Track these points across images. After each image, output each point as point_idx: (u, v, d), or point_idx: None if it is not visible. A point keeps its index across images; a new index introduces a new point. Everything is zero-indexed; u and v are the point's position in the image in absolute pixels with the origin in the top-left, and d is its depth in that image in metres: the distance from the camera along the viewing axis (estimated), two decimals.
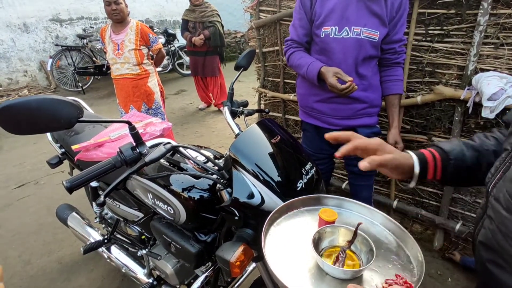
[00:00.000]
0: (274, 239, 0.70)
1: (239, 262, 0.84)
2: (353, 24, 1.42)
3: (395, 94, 1.58)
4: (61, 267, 2.16)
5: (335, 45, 1.47)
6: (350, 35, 1.44)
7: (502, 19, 1.55)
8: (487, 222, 0.59)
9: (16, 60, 6.06)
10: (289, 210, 0.78)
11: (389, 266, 0.65)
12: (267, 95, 2.69)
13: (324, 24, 1.47)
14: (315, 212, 0.78)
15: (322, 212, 0.73)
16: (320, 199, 0.81)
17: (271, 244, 0.68)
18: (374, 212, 0.78)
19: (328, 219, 0.71)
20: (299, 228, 0.74)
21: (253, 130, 0.94)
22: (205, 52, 4.59)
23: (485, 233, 0.59)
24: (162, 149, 0.91)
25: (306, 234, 0.71)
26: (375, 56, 1.52)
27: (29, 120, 0.71)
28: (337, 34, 1.45)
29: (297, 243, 0.70)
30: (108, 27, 2.86)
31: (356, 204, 0.80)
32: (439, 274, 1.96)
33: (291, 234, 0.72)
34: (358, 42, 1.44)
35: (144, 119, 1.61)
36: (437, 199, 2.07)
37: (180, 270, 1.37)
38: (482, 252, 0.60)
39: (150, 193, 1.16)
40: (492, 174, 0.61)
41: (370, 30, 1.42)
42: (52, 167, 1.81)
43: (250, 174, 0.86)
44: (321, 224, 0.72)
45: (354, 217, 0.79)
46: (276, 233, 0.72)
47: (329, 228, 0.69)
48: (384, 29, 1.44)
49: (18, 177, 3.37)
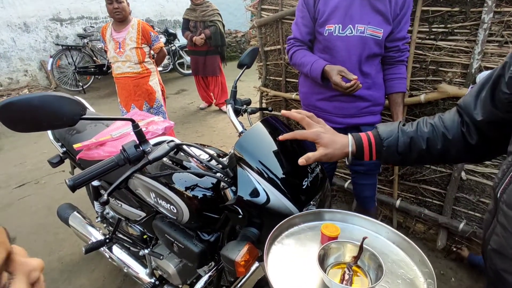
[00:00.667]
0: (276, 257, 0.68)
1: (244, 261, 0.83)
2: (357, 22, 1.41)
3: (399, 92, 1.57)
4: (62, 267, 2.15)
5: (339, 43, 1.46)
6: (354, 33, 1.43)
7: (506, 17, 1.53)
8: (499, 229, 0.58)
9: (17, 59, 6.05)
10: (290, 227, 0.76)
11: (399, 282, 0.63)
12: (269, 94, 2.68)
13: (327, 22, 1.46)
14: (316, 228, 0.76)
15: (324, 227, 0.71)
16: (321, 214, 0.79)
17: (274, 264, 0.66)
18: (378, 226, 0.75)
19: (331, 235, 0.69)
20: (301, 245, 0.72)
21: (257, 128, 0.92)
22: (206, 52, 4.58)
23: (498, 241, 0.58)
24: (165, 147, 0.90)
25: (309, 251, 0.69)
26: (379, 54, 1.51)
27: (32, 118, 0.70)
28: (341, 32, 1.44)
29: (300, 261, 0.68)
30: (109, 26, 2.85)
31: (359, 217, 0.78)
32: (442, 274, 1.95)
33: (293, 252, 0.70)
34: (362, 40, 1.43)
35: (146, 118, 1.60)
36: (440, 198, 2.06)
37: (183, 270, 1.36)
38: (496, 261, 0.59)
39: (152, 192, 1.15)
40: (500, 179, 0.59)
41: (374, 28, 1.41)
42: (53, 166, 1.80)
43: (255, 172, 0.85)
44: (324, 240, 0.70)
45: (357, 231, 0.76)
46: (278, 251, 0.70)
47: (334, 244, 0.67)
48: (388, 27, 1.43)
49: (18, 176, 3.36)
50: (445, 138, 0.76)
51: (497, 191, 0.59)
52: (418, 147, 0.77)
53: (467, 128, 0.74)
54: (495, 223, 0.60)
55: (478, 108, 0.71)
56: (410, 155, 0.78)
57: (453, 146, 0.76)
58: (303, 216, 0.78)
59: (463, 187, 1.92)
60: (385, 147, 0.78)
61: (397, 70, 1.56)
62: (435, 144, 0.77)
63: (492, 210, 0.63)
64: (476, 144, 0.73)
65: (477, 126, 0.72)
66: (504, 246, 0.56)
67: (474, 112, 0.72)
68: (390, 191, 2.27)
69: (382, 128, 0.81)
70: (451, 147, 0.76)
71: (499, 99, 0.66)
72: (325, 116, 1.63)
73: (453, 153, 0.77)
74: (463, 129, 0.75)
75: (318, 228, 0.72)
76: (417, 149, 0.77)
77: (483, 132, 0.72)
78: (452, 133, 0.75)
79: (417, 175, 2.09)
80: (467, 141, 0.74)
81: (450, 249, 2.04)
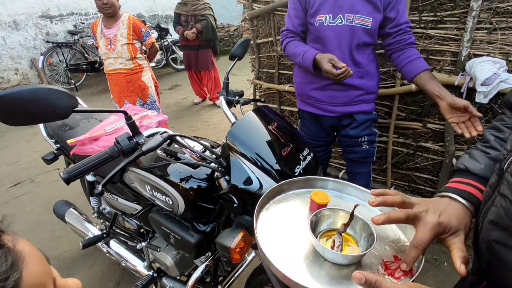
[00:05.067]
0: (266, 225, 0.68)
1: (239, 248, 0.84)
2: (347, 11, 1.43)
3: (425, 70, 1.44)
4: (60, 264, 2.16)
5: (329, 33, 1.48)
6: (344, 23, 1.44)
7: (495, 3, 1.55)
8: (499, 200, 0.55)
9: (7, 58, 5.96)
10: (278, 194, 0.77)
11: (386, 248, 0.64)
12: (262, 87, 2.69)
13: (318, 13, 1.48)
14: (305, 195, 0.76)
15: (314, 194, 0.71)
16: (311, 182, 0.80)
17: (264, 231, 0.67)
18: (368, 195, 0.76)
19: (320, 202, 0.69)
20: (290, 213, 0.72)
21: (250, 117, 0.93)
22: (198, 46, 4.55)
23: (496, 212, 0.56)
24: (159, 138, 0.90)
25: (298, 218, 0.70)
26: (370, 43, 1.52)
27: (24, 111, 0.70)
28: (331, 22, 1.46)
29: (290, 228, 0.68)
30: (99, 21, 2.82)
31: (351, 186, 0.79)
32: (435, 258, 1.99)
33: (283, 219, 0.71)
34: (351, 29, 1.45)
35: (139, 112, 1.60)
36: (433, 185, 2.09)
37: (180, 261, 1.38)
38: (490, 232, 0.57)
39: (148, 185, 1.16)
40: (508, 150, 0.57)
41: (362, 17, 1.43)
42: (48, 163, 1.80)
43: (247, 161, 0.86)
44: (313, 207, 0.70)
45: (348, 200, 0.78)
46: (268, 219, 0.71)
47: (327, 211, 0.68)
48: (378, 15, 1.44)
49: (12, 175, 3.33)
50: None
51: (503, 163, 0.57)
52: None
53: None
54: (496, 195, 0.58)
55: None
56: None
57: None
58: (292, 182, 0.78)
59: None
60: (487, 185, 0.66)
61: (411, 52, 1.49)
62: None
63: (494, 184, 0.60)
64: None
65: None
66: (502, 217, 0.54)
67: None
68: (383, 180, 2.30)
69: (475, 168, 0.68)
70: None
71: None
72: (319, 105, 1.65)
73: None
74: None
75: (307, 196, 0.73)
76: None
77: None
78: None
79: (409, 163, 2.12)
80: None
81: None
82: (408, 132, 2.06)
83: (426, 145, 2.01)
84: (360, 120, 1.64)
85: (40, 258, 0.40)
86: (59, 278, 0.43)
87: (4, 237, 0.38)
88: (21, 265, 0.36)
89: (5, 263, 0.35)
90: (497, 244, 0.55)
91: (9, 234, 0.39)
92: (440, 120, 1.91)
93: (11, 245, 0.37)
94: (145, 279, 1.49)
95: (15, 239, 0.39)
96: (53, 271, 0.42)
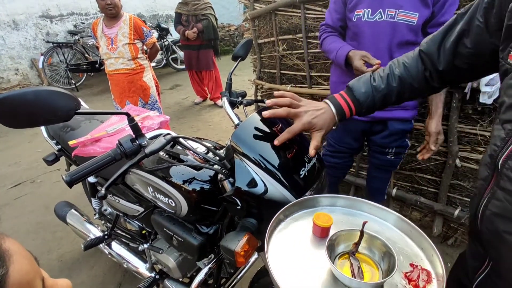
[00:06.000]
0: (277, 248, 0.65)
1: (244, 251, 0.83)
2: (388, 6, 1.31)
3: None
4: (62, 265, 2.15)
5: (366, 29, 1.38)
6: (384, 18, 1.33)
7: None
8: (501, 194, 0.61)
9: (7, 58, 5.96)
10: (290, 215, 0.74)
11: (401, 258, 0.62)
12: (264, 87, 2.68)
13: (357, 7, 1.38)
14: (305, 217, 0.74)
15: (316, 217, 0.67)
16: (319, 200, 0.77)
17: (275, 256, 0.63)
18: (380, 211, 0.73)
19: (323, 225, 0.66)
20: (299, 235, 0.69)
21: (254, 119, 0.92)
22: (199, 46, 4.55)
23: (500, 205, 0.61)
24: (162, 140, 0.89)
25: (305, 242, 0.67)
26: (415, 41, 1.36)
27: (27, 113, 0.69)
28: (369, 17, 1.35)
29: (301, 252, 0.65)
30: (100, 21, 2.81)
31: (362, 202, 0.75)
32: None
33: (293, 242, 0.68)
34: (392, 25, 1.33)
35: (141, 113, 1.59)
36: (436, 186, 2.08)
37: (183, 263, 1.37)
38: (498, 224, 0.62)
39: (150, 187, 1.15)
40: (499, 147, 0.61)
41: (406, 13, 1.29)
42: (49, 164, 1.79)
43: (252, 163, 0.85)
44: (316, 231, 0.68)
45: (360, 217, 0.74)
46: (278, 243, 0.67)
47: (341, 234, 0.64)
48: (425, 10, 1.29)
49: (13, 176, 3.33)
50: (412, 88, 0.86)
51: (498, 160, 0.61)
52: (389, 100, 0.88)
53: (430, 74, 0.83)
54: (494, 189, 0.63)
55: (441, 58, 0.79)
56: (380, 107, 0.89)
57: (418, 92, 0.88)
58: (302, 202, 0.76)
59: (457, 174, 1.95)
60: (365, 109, 0.88)
61: None
62: (403, 94, 0.87)
63: (488, 177, 0.66)
64: (439, 86, 0.86)
65: (439, 73, 0.81)
66: (509, 210, 0.59)
67: (437, 61, 0.80)
68: None
69: (357, 90, 0.87)
70: (417, 93, 0.89)
71: (461, 52, 0.74)
72: None
73: (416, 95, 0.90)
74: (426, 74, 0.83)
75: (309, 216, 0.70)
76: (388, 102, 0.88)
77: (444, 78, 0.82)
78: (417, 81, 0.85)
79: (412, 164, 2.11)
80: (430, 85, 0.85)
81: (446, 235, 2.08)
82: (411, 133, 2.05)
83: None
84: (392, 129, 1.54)
85: (28, 257, 0.40)
86: (48, 278, 0.44)
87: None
88: (7, 262, 0.36)
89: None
90: (506, 233, 0.61)
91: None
92: (443, 120, 1.90)
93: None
94: (147, 281, 1.48)
95: (2, 238, 0.39)
96: (42, 272, 0.43)
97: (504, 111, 0.62)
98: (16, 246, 0.40)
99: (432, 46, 0.80)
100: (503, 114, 0.62)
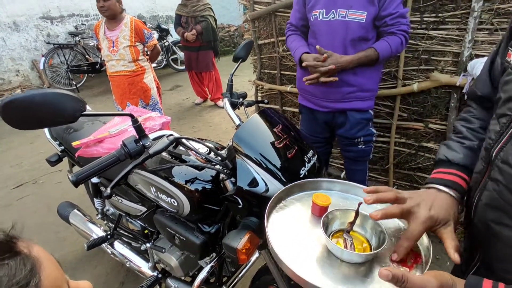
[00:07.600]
0: (276, 226, 0.70)
1: (246, 249, 0.85)
2: (340, 7, 1.45)
3: (371, 47, 1.49)
4: (65, 265, 2.16)
5: (323, 28, 1.52)
6: (336, 18, 1.47)
7: (496, 4, 1.56)
8: (491, 185, 0.62)
9: (8, 59, 5.97)
10: (288, 196, 0.78)
11: (392, 240, 0.66)
12: (264, 88, 2.70)
13: (314, 8, 1.53)
14: (304, 198, 0.78)
15: (315, 197, 0.72)
16: (319, 183, 0.81)
17: (275, 232, 0.68)
18: None
19: (322, 204, 0.71)
20: (294, 215, 0.74)
21: (255, 120, 0.94)
22: (199, 47, 4.56)
23: (490, 195, 0.62)
24: (165, 141, 0.91)
25: (303, 220, 0.72)
26: (367, 37, 1.50)
27: (34, 115, 0.71)
28: (324, 17, 1.50)
29: (297, 229, 0.69)
30: (101, 23, 2.83)
31: (356, 187, 0.79)
32: (437, 258, 2.00)
33: (292, 219, 0.72)
34: (344, 24, 1.46)
35: (143, 114, 1.61)
36: None
37: (185, 262, 1.39)
38: (487, 213, 0.63)
39: (153, 187, 1.17)
40: (494, 140, 0.63)
41: (356, 12, 1.43)
42: (52, 165, 1.81)
43: (253, 163, 0.87)
44: (315, 209, 0.72)
45: (353, 200, 0.79)
46: (278, 220, 0.72)
47: (336, 212, 0.69)
48: (373, 8, 1.43)
49: (16, 177, 3.35)
50: None
51: (492, 152, 0.63)
52: None
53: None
54: (486, 180, 0.64)
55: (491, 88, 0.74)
56: None
57: None
58: (301, 185, 0.80)
59: None
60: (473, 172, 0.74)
61: (385, 38, 1.50)
62: None
63: (482, 170, 0.66)
64: None
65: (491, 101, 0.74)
66: (497, 199, 0.60)
67: (492, 95, 0.73)
68: (385, 180, 2.31)
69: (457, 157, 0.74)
70: None
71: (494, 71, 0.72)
72: (315, 100, 1.69)
73: None
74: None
75: (308, 198, 0.74)
76: None
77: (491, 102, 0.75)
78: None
79: (411, 163, 2.13)
80: None
81: None
82: (410, 133, 2.07)
83: (428, 145, 2.02)
84: (353, 119, 1.65)
85: (55, 263, 0.42)
86: (71, 281, 0.45)
87: (19, 244, 0.39)
88: (39, 270, 0.37)
89: (25, 269, 0.36)
90: (494, 223, 0.62)
91: (23, 241, 0.40)
92: (442, 120, 1.92)
93: (27, 251, 0.39)
94: (150, 280, 1.50)
95: (30, 245, 0.40)
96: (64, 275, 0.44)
97: (500, 106, 0.64)
98: (44, 252, 0.41)
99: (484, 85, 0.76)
100: (499, 109, 0.65)
